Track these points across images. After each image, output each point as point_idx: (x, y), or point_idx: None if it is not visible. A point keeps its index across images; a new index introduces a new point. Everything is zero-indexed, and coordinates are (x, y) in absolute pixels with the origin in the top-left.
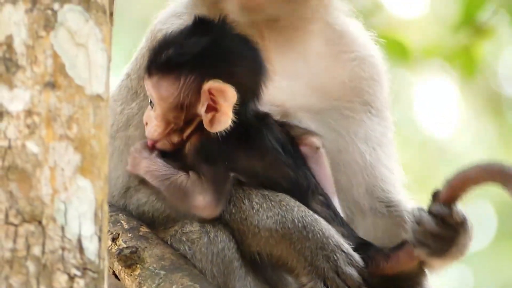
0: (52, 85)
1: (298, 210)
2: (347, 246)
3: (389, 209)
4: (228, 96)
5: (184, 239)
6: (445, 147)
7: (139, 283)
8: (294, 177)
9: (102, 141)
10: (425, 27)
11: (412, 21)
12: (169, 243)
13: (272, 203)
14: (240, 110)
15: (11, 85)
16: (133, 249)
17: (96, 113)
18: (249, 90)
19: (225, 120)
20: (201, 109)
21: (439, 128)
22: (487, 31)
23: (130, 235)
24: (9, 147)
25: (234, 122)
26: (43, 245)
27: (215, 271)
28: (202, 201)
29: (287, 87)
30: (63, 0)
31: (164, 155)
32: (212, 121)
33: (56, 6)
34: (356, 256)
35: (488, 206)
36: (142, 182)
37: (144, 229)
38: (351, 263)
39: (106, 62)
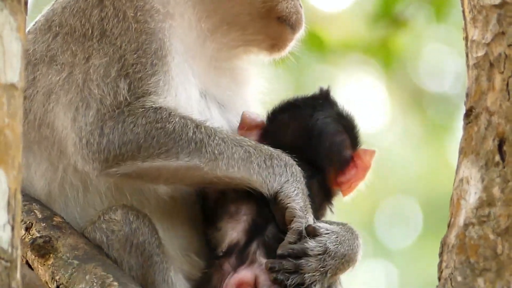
0: None
1: None
2: None
3: None
4: None
5: (104, 227)
6: (371, 143)
7: (52, 272)
8: None
9: (16, 130)
10: (345, 21)
11: (333, 15)
12: (88, 230)
13: None
14: None
15: None
16: (47, 238)
17: (10, 103)
18: None
19: None
20: None
21: (365, 123)
22: (403, 22)
23: (44, 224)
24: None
25: None
26: None
27: (133, 263)
28: None
29: None
30: None
31: None
32: None
33: None
34: None
35: (413, 203)
36: None
37: (58, 219)
38: None
39: (21, 51)
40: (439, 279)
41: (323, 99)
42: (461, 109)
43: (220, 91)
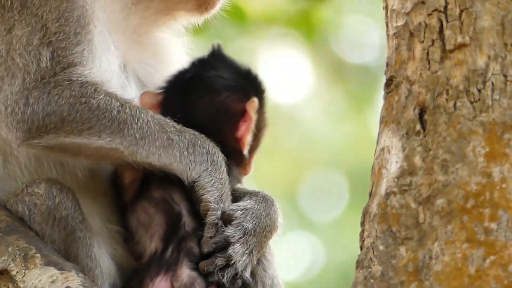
0: None
1: None
2: None
3: None
4: None
5: (27, 200)
6: (294, 114)
7: None
8: None
9: None
10: None
11: None
12: (11, 202)
13: None
14: None
15: None
16: None
17: None
18: None
19: None
20: None
21: (287, 95)
22: None
23: None
24: None
25: None
26: None
27: (56, 237)
28: None
29: None
30: None
31: None
32: None
33: None
34: None
35: (338, 175)
36: None
37: None
38: None
39: None
40: (361, 248)
41: (209, 59)
42: (382, 80)
43: (141, 66)
